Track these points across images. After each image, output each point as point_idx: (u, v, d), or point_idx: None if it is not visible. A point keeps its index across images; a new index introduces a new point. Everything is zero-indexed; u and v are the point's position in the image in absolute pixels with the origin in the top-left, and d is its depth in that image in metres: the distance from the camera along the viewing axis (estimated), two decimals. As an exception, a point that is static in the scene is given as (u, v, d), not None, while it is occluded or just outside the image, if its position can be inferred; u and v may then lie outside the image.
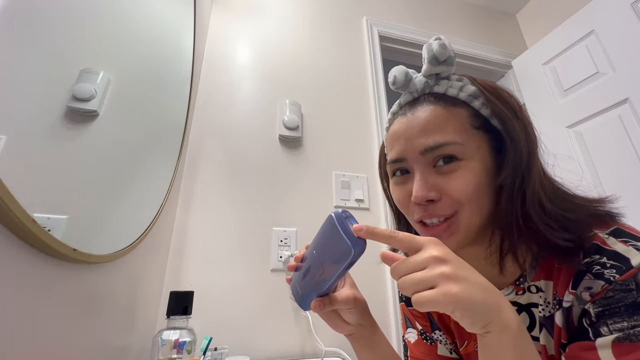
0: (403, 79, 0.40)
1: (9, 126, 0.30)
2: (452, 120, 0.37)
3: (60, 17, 0.37)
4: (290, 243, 0.95)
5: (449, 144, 0.36)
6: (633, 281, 0.29)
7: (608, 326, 0.29)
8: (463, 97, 0.38)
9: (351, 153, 1.15)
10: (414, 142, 0.37)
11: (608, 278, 0.30)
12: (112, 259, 0.49)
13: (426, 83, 0.40)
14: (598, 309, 0.30)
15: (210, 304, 0.82)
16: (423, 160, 0.37)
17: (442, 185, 0.36)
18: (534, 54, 1.51)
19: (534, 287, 0.38)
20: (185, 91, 0.89)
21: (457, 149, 0.36)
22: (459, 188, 0.35)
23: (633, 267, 0.29)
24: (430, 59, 0.38)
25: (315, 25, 1.34)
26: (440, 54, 0.37)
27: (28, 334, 0.33)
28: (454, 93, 0.38)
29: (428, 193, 0.36)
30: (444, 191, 0.36)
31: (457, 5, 1.71)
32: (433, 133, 0.36)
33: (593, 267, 0.31)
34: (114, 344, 0.54)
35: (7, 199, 0.27)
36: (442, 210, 0.37)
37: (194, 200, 0.93)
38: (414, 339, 0.52)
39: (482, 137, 0.37)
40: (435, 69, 0.38)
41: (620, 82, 1.16)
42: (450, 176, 0.36)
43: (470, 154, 0.36)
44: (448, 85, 0.39)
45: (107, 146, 0.49)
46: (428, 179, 0.37)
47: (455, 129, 0.36)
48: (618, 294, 0.29)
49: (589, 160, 1.22)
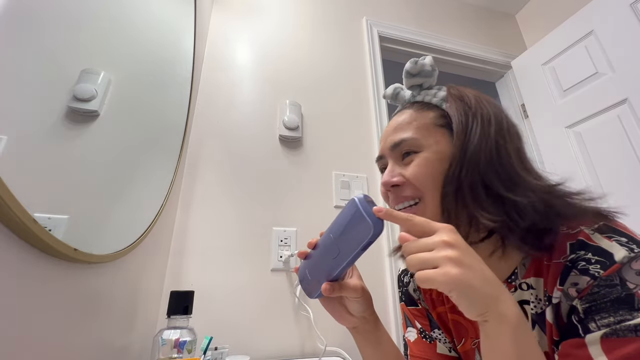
0: (391, 92, 0.49)
1: (10, 126, 0.30)
2: (417, 121, 0.43)
3: (61, 17, 0.37)
4: (290, 243, 0.95)
5: (407, 139, 0.42)
6: (617, 276, 0.30)
7: (595, 322, 0.29)
8: (435, 102, 0.44)
9: (351, 153, 1.15)
10: (387, 140, 0.45)
11: (593, 274, 0.31)
12: (112, 259, 0.49)
13: (411, 95, 0.47)
14: (585, 305, 0.31)
15: (211, 303, 0.83)
16: (392, 155, 0.44)
17: (404, 172, 0.42)
18: (534, 54, 1.51)
19: (524, 284, 0.39)
20: (186, 92, 0.89)
21: (413, 143, 0.42)
22: (414, 173, 0.41)
23: (616, 263, 0.30)
24: (404, 74, 0.45)
25: (315, 26, 1.34)
26: (411, 68, 0.44)
27: (29, 334, 0.33)
28: (428, 99, 0.45)
29: (392, 179, 0.42)
30: (405, 176, 0.42)
31: (456, 6, 1.71)
32: (399, 131, 0.44)
33: (579, 263, 0.32)
34: (114, 343, 0.54)
35: (8, 199, 0.27)
36: (405, 193, 0.42)
37: (195, 200, 0.93)
38: (413, 337, 0.53)
39: (443, 133, 0.42)
40: (411, 81, 0.45)
41: (620, 82, 1.16)
42: (409, 165, 0.42)
43: (427, 146, 0.41)
44: (426, 94, 0.45)
45: (108, 146, 0.49)
46: (394, 168, 0.43)
47: (418, 127, 0.43)
48: (603, 290, 0.30)
49: (588, 161, 1.22)
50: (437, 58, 1.52)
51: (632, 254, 0.30)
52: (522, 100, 1.54)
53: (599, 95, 1.22)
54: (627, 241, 0.31)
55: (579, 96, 1.29)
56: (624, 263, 0.30)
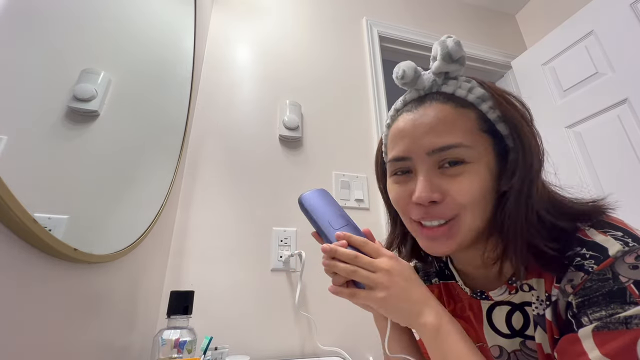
0: (412, 74, 0.39)
1: (10, 126, 0.30)
2: (461, 122, 0.36)
3: (61, 17, 0.37)
4: (290, 243, 0.95)
5: (457, 146, 0.35)
6: (610, 270, 0.29)
7: (588, 316, 0.29)
8: (471, 99, 0.37)
9: (351, 153, 1.15)
10: (422, 141, 0.36)
11: (587, 269, 0.30)
12: (112, 259, 0.49)
13: (434, 81, 0.38)
14: (578, 300, 0.31)
15: (211, 303, 0.83)
16: (429, 160, 0.36)
17: (447, 187, 0.35)
18: (534, 54, 1.51)
19: (526, 285, 0.38)
20: (186, 91, 0.89)
21: (465, 152, 0.35)
22: (465, 191, 0.35)
23: (610, 257, 0.30)
24: (444, 56, 0.36)
25: (316, 26, 1.34)
26: (455, 51, 0.36)
27: (29, 334, 0.33)
28: (462, 94, 0.37)
29: (432, 194, 0.35)
30: (448, 193, 0.35)
31: (456, 6, 1.71)
32: (442, 134, 0.35)
33: (574, 259, 0.32)
34: (114, 343, 0.54)
35: (8, 199, 0.27)
36: (443, 213, 0.36)
37: (195, 200, 0.93)
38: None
39: (488, 141, 0.36)
40: (447, 67, 0.37)
41: (620, 82, 1.16)
42: (455, 179, 0.35)
43: (478, 158, 0.35)
44: (457, 85, 0.38)
45: (108, 146, 0.49)
46: (432, 180, 0.36)
47: (464, 130, 0.35)
48: (595, 284, 0.30)
49: (588, 161, 1.22)
50: (437, 58, 1.53)
51: (626, 247, 0.30)
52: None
53: (599, 95, 1.22)
54: (622, 235, 0.31)
55: (579, 96, 1.29)
56: (617, 257, 0.29)
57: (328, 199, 0.44)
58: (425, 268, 0.52)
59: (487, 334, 0.42)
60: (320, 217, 0.42)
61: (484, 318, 0.42)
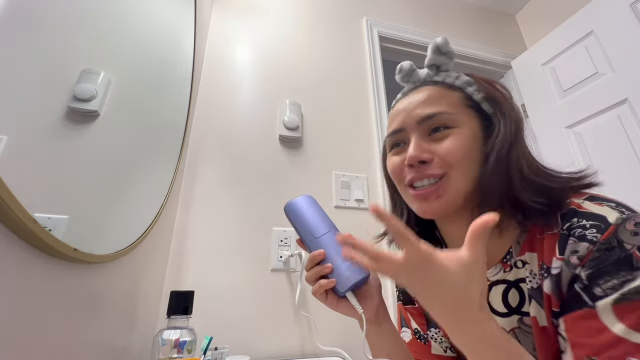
0: (408, 68, 0.46)
1: (10, 126, 0.30)
2: (448, 97, 0.42)
3: (61, 17, 0.37)
4: (290, 243, 0.95)
5: (442, 113, 0.40)
6: (614, 238, 0.30)
7: (600, 286, 0.29)
8: (458, 84, 0.43)
9: (351, 153, 1.15)
10: (412, 113, 0.42)
11: (591, 239, 0.31)
12: (112, 259, 0.49)
13: (427, 74, 0.45)
14: (588, 272, 0.31)
15: (211, 303, 0.83)
16: (419, 128, 0.41)
17: (434, 148, 0.40)
18: (534, 54, 1.51)
19: (520, 261, 0.39)
20: (186, 92, 0.89)
21: (449, 118, 0.40)
22: (449, 149, 0.39)
23: (611, 224, 0.30)
24: (433, 49, 0.43)
25: (316, 26, 1.34)
26: (443, 45, 0.42)
27: (29, 334, 0.33)
28: (450, 81, 0.43)
29: (421, 154, 0.40)
30: (436, 153, 0.40)
31: (456, 6, 1.71)
32: (430, 106, 0.41)
33: (575, 230, 0.32)
34: (114, 343, 0.54)
35: (8, 199, 0.27)
36: (432, 170, 0.40)
37: (195, 200, 0.93)
38: (408, 338, 0.53)
39: (472, 113, 0.41)
40: (437, 59, 0.43)
41: (620, 82, 1.16)
42: (443, 141, 0.40)
43: (461, 123, 0.40)
44: (446, 75, 0.44)
45: (108, 146, 0.49)
46: (422, 144, 0.41)
47: (450, 103, 0.41)
48: (603, 254, 0.30)
49: (588, 161, 1.22)
50: (437, 58, 1.53)
51: (624, 215, 0.31)
52: (522, 100, 1.54)
53: (599, 95, 1.22)
54: (616, 205, 0.32)
55: (579, 96, 1.29)
56: (618, 224, 0.30)
57: (311, 207, 0.46)
58: None
59: None
60: (302, 225, 0.45)
61: None
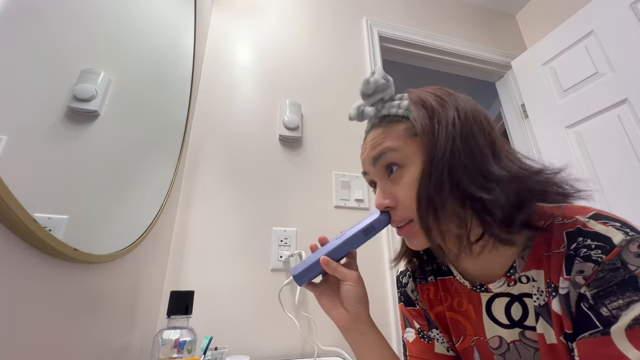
0: (355, 112, 0.46)
1: (10, 126, 0.30)
2: (391, 134, 0.41)
3: (61, 17, 0.37)
4: (290, 243, 0.95)
5: (387, 150, 0.40)
6: (618, 259, 0.30)
7: (606, 306, 0.30)
8: (401, 113, 0.41)
9: (351, 153, 1.15)
10: (366, 157, 0.44)
11: (596, 259, 0.31)
12: (112, 259, 0.49)
13: (376, 109, 0.44)
14: (593, 291, 0.31)
15: (211, 303, 0.83)
16: (376, 171, 0.43)
17: (395, 192, 0.41)
18: (533, 54, 1.51)
19: (524, 277, 0.39)
20: (186, 91, 0.89)
21: (396, 155, 0.40)
22: (405, 196, 0.39)
23: (616, 246, 0.31)
24: (361, 96, 0.44)
25: (315, 26, 1.34)
26: (365, 89, 0.42)
27: (29, 333, 0.33)
28: (394, 111, 0.42)
29: (384, 201, 0.41)
30: (397, 198, 0.40)
31: (456, 6, 1.71)
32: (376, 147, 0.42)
33: (580, 251, 0.33)
34: (114, 343, 0.54)
35: (8, 199, 0.27)
36: (400, 216, 0.41)
37: (195, 200, 0.93)
38: (412, 338, 0.53)
39: (419, 142, 0.40)
40: (370, 100, 0.43)
41: (620, 82, 1.16)
42: (398, 184, 0.40)
43: (409, 160, 0.39)
44: (390, 106, 0.43)
45: (108, 146, 0.49)
46: (384, 188, 0.42)
47: (393, 138, 0.41)
48: (607, 274, 0.31)
49: (588, 161, 1.22)
50: (436, 58, 1.52)
51: (628, 236, 0.31)
52: (522, 100, 1.54)
53: (599, 95, 1.22)
54: (621, 225, 0.32)
55: (579, 96, 1.29)
56: (623, 246, 0.31)
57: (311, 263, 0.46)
58: (423, 266, 0.54)
59: (487, 325, 0.43)
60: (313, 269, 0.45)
61: (484, 310, 0.44)
